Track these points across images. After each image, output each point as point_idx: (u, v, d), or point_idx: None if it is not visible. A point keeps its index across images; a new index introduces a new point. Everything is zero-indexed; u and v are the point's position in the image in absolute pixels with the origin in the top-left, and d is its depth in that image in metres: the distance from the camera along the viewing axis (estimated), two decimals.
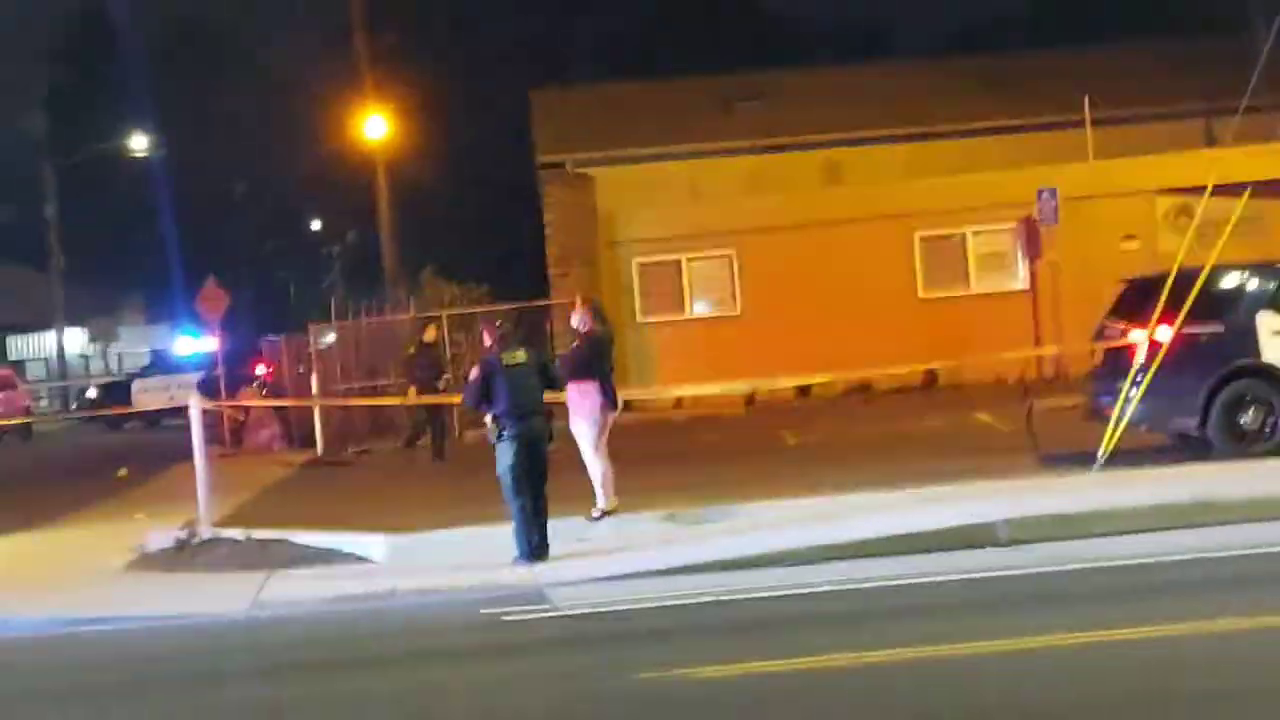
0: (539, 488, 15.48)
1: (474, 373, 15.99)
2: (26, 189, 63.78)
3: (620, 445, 26.64)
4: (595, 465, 16.81)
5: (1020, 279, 33.69)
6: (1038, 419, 22.83)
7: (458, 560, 15.90)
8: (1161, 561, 13.32)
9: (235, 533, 18.15)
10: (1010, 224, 33.57)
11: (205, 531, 18.06)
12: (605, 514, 16.81)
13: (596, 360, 16.76)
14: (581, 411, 16.69)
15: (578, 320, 17.15)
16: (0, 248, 71.60)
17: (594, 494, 17.04)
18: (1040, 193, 32.27)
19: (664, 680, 10.52)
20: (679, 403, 32.00)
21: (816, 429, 26.66)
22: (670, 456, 24.12)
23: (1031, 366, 30.48)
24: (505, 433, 15.40)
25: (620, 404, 17.22)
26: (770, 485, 18.76)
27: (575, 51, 58.95)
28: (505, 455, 15.42)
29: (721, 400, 31.02)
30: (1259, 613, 10.96)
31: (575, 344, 17.12)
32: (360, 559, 16.94)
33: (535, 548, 15.32)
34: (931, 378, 32.22)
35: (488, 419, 15.63)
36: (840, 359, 26.46)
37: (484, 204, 51.41)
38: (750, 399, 31.94)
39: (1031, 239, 33.22)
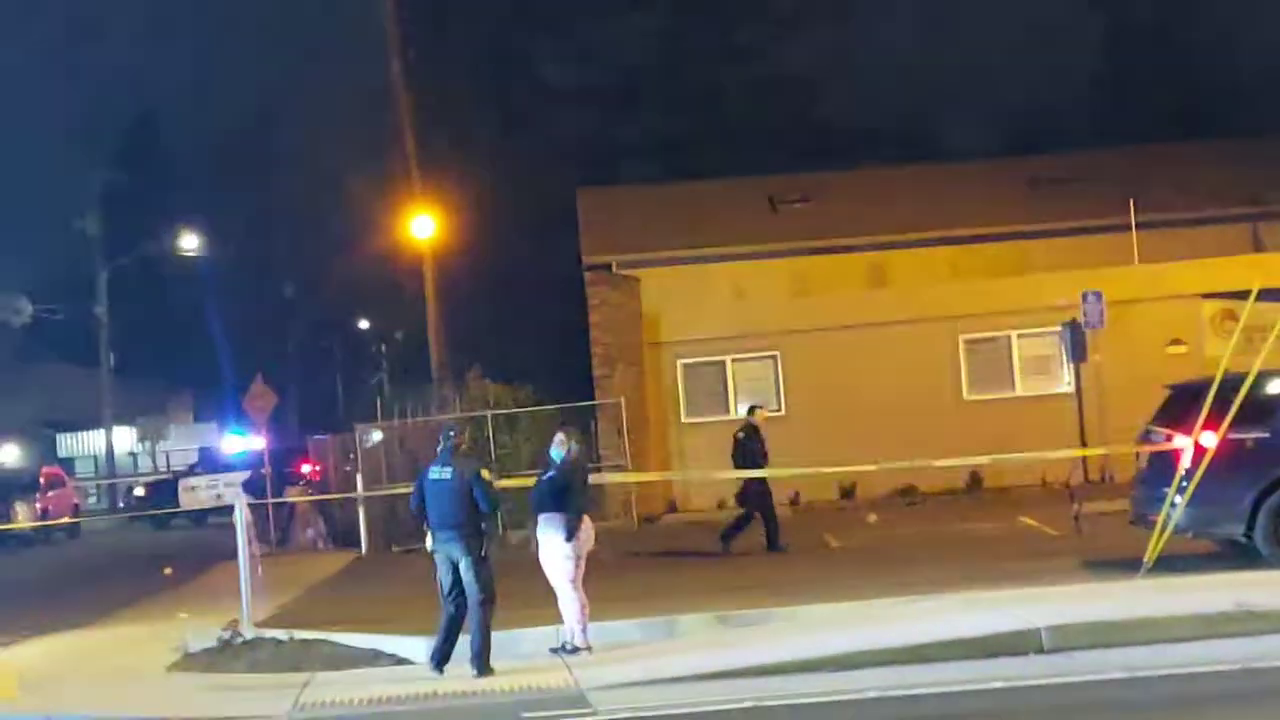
0: (458, 602, 15.67)
1: (417, 481, 16.36)
2: (78, 289, 64.44)
3: (664, 546, 26.81)
4: (569, 599, 16.26)
5: (1065, 382, 33.63)
6: (1083, 523, 22.81)
7: (498, 663, 15.90)
8: (1203, 672, 13.20)
9: (278, 633, 18.22)
10: (1055, 327, 33.55)
11: (248, 631, 18.15)
12: (576, 650, 16.18)
13: (567, 492, 16.43)
14: (552, 544, 16.28)
15: (555, 451, 16.77)
16: (52, 346, 72.31)
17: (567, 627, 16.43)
18: (1085, 296, 32.31)
19: None
20: (722, 504, 31.94)
21: (860, 532, 26.59)
22: (714, 558, 24.10)
23: (1077, 470, 30.39)
24: (431, 545, 15.88)
25: (591, 535, 16.64)
26: (814, 589, 18.73)
27: (623, 151, 59.40)
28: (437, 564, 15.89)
29: None
30: None
31: (548, 475, 16.61)
32: (402, 660, 16.96)
33: (439, 657, 15.69)
34: (976, 481, 32.12)
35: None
36: (884, 463, 26.37)
37: (531, 303, 51.64)
38: (794, 500, 31.89)
39: (1077, 342, 33.19)
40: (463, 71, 54.91)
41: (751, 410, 25.78)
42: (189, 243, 64.02)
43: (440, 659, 15.71)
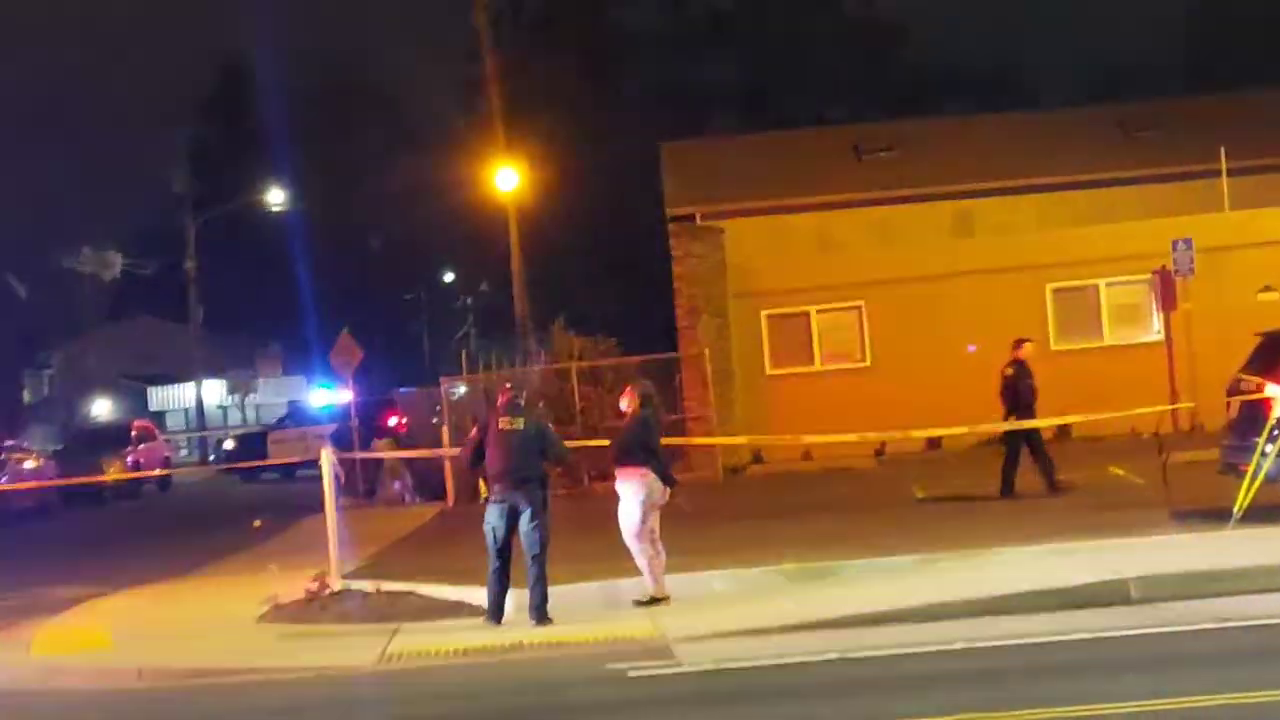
0: (505, 555, 15.92)
1: (473, 431, 16.51)
2: (168, 244, 65.10)
3: (748, 498, 26.80)
4: (637, 552, 16.31)
5: (1155, 331, 33.28)
6: (1172, 473, 22.52)
7: (585, 614, 15.98)
8: None
9: (365, 585, 18.37)
10: (1145, 275, 33.19)
11: (335, 583, 18.30)
12: (654, 600, 16.20)
13: (640, 444, 16.44)
14: (625, 496, 16.32)
15: (625, 404, 16.82)
16: (143, 301, 73.13)
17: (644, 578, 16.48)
18: (1175, 244, 31.93)
19: None
20: (808, 454, 31.89)
21: (947, 482, 26.39)
22: (798, 509, 24.02)
23: (1167, 420, 30.03)
24: (491, 495, 15.99)
25: (672, 483, 16.54)
26: (899, 539, 18.64)
27: (707, 102, 59.17)
28: (489, 516, 16.01)
29: (851, 452, 30.89)
30: None
31: (623, 427, 16.78)
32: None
33: (498, 610, 15.93)
34: (1065, 431, 31.83)
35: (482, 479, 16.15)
36: (971, 411, 26.12)
37: (615, 255, 51.67)
38: (880, 451, 31.78)
39: (1166, 290, 32.83)
40: (547, 22, 54.88)
41: (1019, 344, 24.27)
42: (276, 197, 64.51)
43: (501, 611, 15.92)
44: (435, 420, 33.82)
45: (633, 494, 16.27)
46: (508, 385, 16.92)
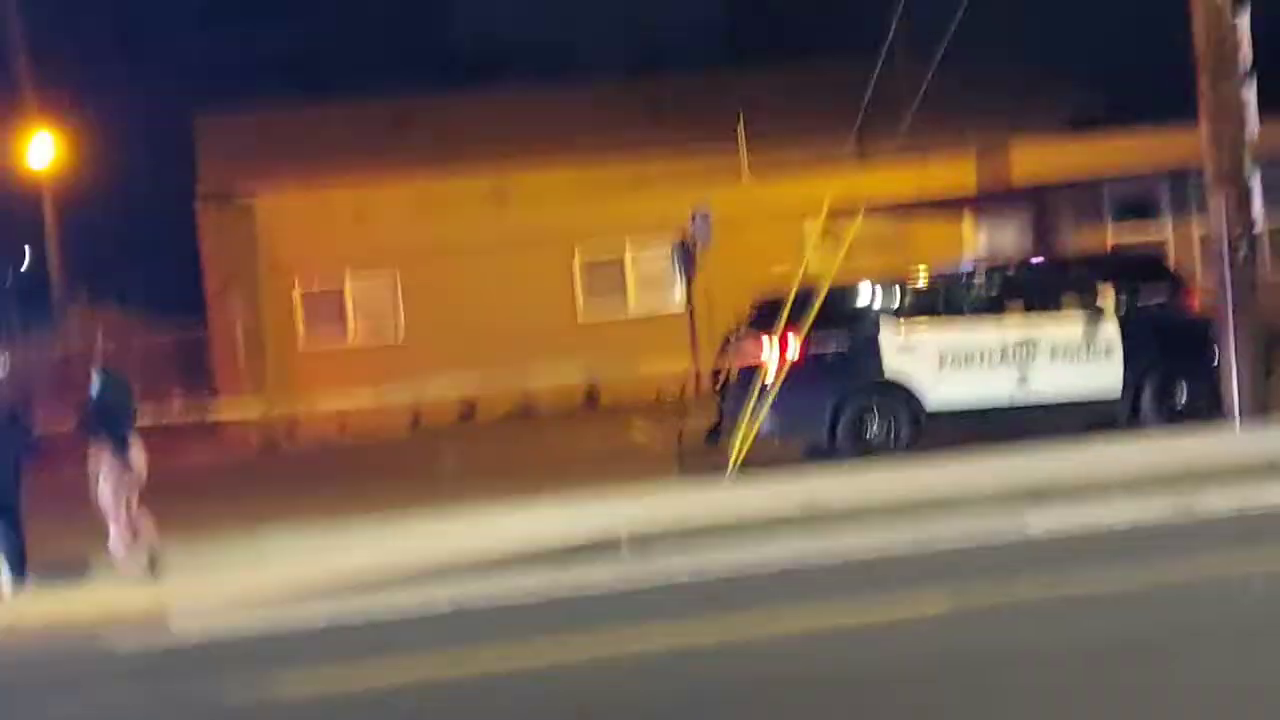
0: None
1: None
2: None
3: (275, 467, 26.74)
4: (113, 525, 16.30)
5: (678, 301, 34.34)
6: (688, 435, 23.57)
7: (87, 586, 16.02)
8: (761, 573, 13.75)
9: None
10: (667, 247, 34.22)
11: None
12: (136, 572, 16.18)
13: (99, 420, 16.52)
14: (96, 471, 16.47)
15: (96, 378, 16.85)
16: None
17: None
18: (694, 215, 32.90)
19: (259, 700, 10.77)
20: (343, 428, 31.99)
21: (476, 450, 26.89)
22: (322, 479, 24.22)
23: (689, 385, 31.08)
24: None
25: (134, 461, 16.45)
26: (417, 501, 18.84)
27: (247, 71, 58.13)
28: None
29: (386, 425, 31.12)
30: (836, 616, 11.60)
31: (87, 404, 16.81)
32: None
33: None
34: (592, 398, 32.71)
35: None
36: (504, 384, 26.75)
37: (153, 230, 50.55)
38: (414, 422, 32.08)
39: (687, 261, 33.85)
40: None
41: None
42: None
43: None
44: None
45: (100, 468, 16.35)
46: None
